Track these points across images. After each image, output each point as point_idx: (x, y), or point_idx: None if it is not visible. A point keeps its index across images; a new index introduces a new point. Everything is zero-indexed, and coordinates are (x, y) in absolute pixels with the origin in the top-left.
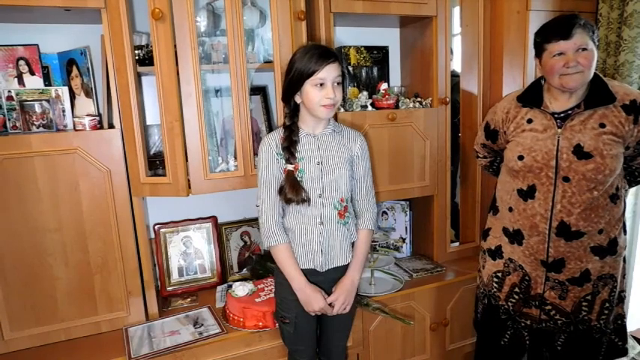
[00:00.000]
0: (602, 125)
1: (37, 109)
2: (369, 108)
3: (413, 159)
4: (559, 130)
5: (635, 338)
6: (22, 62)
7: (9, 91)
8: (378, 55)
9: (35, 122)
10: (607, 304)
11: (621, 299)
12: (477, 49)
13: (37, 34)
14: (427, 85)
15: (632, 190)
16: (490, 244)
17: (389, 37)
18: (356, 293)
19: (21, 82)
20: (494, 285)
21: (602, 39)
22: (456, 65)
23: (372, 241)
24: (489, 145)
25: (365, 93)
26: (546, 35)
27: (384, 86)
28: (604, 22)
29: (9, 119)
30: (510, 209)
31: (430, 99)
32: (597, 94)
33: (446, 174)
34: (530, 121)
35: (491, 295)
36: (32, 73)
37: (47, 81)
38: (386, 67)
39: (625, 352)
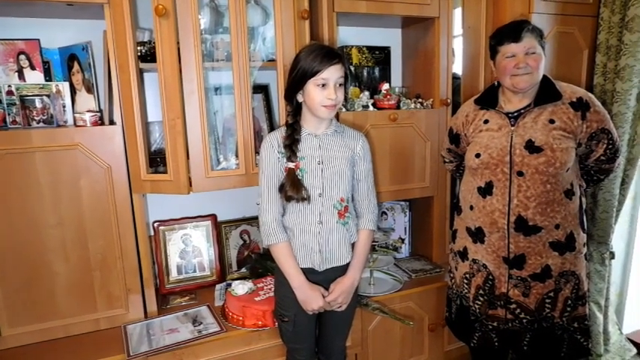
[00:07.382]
0: (552, 121)
1: (38, 104)
2: (371, 108)
3: (414, 160)
4: (512, 128)
5: (631, 341)
6: (22, 57)
7: (9, 86)
8: (380, 56)
9: (35, 117)
10: (570, 302)
11: (585, 300)
12: (479, 50)
13: (39, 28)
14: (429, 86)
15: (630, 195)
16: (458, 245)
17: (391, 38)
18: (356, 293)
19: (21, 76)
20: (465, 286)
21: (602, 43)
22: (456, 67)
23: (372, 242)
24: (454, 149)
25: (366, 93)
26: (499, 38)
27: (385, 86)
28: (605, 25)
29: (9, 114)
30: (471, 207)
31: (431, 100)
32: (545, 93)
33: (446, 175)
34: (486, 121)
35: (463, 296)
36: (33, 67)
37: (48, 76)
38: (388, 68)
39: (588, 351)
